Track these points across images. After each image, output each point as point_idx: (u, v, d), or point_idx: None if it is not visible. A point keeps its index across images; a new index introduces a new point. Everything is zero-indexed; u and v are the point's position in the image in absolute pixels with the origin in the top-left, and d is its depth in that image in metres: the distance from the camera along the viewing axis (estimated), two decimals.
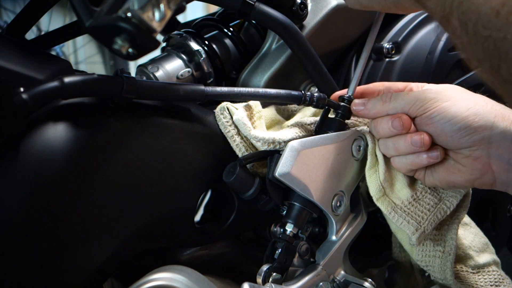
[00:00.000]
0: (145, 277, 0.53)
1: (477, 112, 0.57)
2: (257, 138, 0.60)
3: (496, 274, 0.70)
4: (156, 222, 0.56)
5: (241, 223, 0.65)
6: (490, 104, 0.58)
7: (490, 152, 0.57)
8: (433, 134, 0.59)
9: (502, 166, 0.57)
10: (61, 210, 0.48)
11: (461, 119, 0.57)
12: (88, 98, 0.53)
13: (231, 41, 0.73)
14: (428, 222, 0.62)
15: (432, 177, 0.62)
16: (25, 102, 0.46)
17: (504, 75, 0.39)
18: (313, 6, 0.75)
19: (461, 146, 0.58)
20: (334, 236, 0.64)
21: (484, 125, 0.56)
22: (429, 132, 0.59)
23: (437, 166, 0.61)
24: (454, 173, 0.60)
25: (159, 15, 0.43)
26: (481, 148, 0.57)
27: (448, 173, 0.61)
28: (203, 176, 0.60)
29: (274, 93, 0.62)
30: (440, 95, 0.58)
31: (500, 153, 0.56)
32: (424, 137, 0.59)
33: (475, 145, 0.57)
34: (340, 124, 0.65)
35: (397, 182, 0.64)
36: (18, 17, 0.68)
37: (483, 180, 0.59)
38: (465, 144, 0.57)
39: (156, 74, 0.66)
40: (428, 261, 0.65)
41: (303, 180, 0.59)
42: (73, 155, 0.49)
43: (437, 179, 0.62)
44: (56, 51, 3.04)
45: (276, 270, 0.59)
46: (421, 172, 0.63)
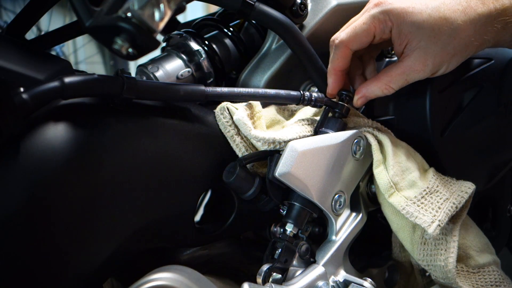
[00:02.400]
0: (145, 277, 0.53)
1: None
2: (258, 138, 0.60)
3: (496, 274, 0.70)
4: (156, 222, 0.56)
5: (241, 223, 0.65)
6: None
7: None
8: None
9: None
10: (61, 210, 0.48)
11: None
12: (88, 98, 0.53)
13: (231, 41, 0.73)
14: (442, 215, 0.62)
15: None
16: (25, 102, 0.46)
17: None
18: (313, 6, 0.75)
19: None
20: (334, 236, 0.64)
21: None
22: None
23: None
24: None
25: (159, 15, 0.43)
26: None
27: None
28: (203, 176, 0.60)
29: (273, 93, 0.63)
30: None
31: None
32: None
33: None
34: (340, 124, 0.65)
35: (407, 178, 0.64)
36: (18, 17, 0.68)
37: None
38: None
39: (156, 74, 0.66)
40: (430, 261, 0.65)
41: (303, 180, 0.59)
42: (73, 155, 0.49)
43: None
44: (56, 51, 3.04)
45: (276, 270, 0.59)
46: None
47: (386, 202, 0.65)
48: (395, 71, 0.65)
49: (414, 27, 0.62)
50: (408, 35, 0.62)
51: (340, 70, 0.67)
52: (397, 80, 0.65)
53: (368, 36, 0.64)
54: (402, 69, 0.64)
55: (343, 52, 0.66)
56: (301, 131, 0.64)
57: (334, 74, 0.68)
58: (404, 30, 0.62)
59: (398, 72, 0.64)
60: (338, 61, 0.66)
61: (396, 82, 0.65)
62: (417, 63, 0.63)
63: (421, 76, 0.64)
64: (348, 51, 0.66)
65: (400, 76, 0.64)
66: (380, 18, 0.63)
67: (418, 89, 0.72)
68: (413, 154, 0.68)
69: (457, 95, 0.75)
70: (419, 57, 0.63)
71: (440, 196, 0.63)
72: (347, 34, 0.65)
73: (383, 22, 0.63)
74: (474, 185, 0.66)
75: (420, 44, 0.62)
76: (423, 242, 0.65)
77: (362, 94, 0.67)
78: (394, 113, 0.75)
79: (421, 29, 0.61)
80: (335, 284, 0.63)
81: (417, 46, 0.62)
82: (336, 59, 0.67)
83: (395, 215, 0.66)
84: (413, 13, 0.61)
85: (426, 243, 0.65)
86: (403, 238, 0.66)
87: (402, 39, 0.63)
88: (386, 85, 0.65)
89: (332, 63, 0.67)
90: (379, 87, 0.66)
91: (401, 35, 0.63)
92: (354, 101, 0.68)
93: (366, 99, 0.68)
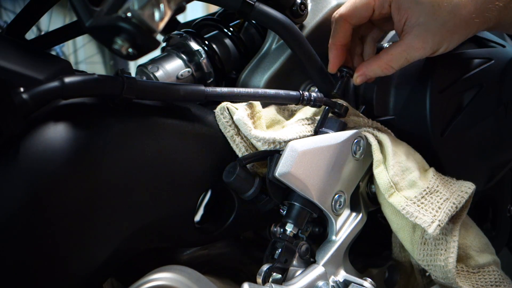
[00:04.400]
0: (145, 277, 0.53)
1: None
2: (258, 138, 0.60)
3: (496, 274, 0.70)
4: (156, 222, 0.56)
5: (241, 223, 0.65)
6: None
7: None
8: None
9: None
10: (61, 210, 0.48)
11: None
12: (88, 98, 0.53)
13: (231, 41, 0.73)
14: (443, 215, 0.62)
15: None
16: (25, 102, 0.46)
17: None
18: (313, 6, 0.75)
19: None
20: (334, 236, 0.64)
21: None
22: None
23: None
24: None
25: (159, 15, 0.43)
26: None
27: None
28: (203, 176, 0.60)
29: (273, 93, 0.63)
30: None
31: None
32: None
33: None
34: (340, 124, 0.65)
35: (407, 178, 0.64)
36: (18, 17, 0.68)
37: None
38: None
39: (156, 74, 0.66)
40: (430, 261, 0.65)
41: (303, 180, 0.59)
42: (73, 155, 0.49)
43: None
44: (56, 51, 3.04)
45: (276, 270, 0.59)
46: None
47: (386, 202, 0.65)
48: (395, 49, 0.64)
49: (413, 2, 0.61)
50: (407, 10, 0.62)
51: (340, 44, 0.67)
52: (397, 59, 0.64)
53: (367, 10, 0.64)
54: (402, 47, 0.63)
55: (342, 26, 0.66)
56: (301, 131, 0.64)
57: (335, 49, 0.68)
58: (403, 5, 0.62)
59: (399, 51, 0.64)
60: (338, 35, 0.66)
61: (397, 61, 0.64)
62: (417, 40, 0.62)
63: (422, 54, 0.64)
64: (347, 25, 0.66)
65: (400, 54, 0.64)
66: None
67: (418, 89, 0.72)
68: (413, 154, 0.68)
69: (457, 95, 0.75)
70: (419, 34, 0.62)
71: (440, 196, 0.63)
72: (346, 8, 0.65)
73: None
74: (474, 185, 0.66)
75: (419, 21, 0.61)
76: (423, 242, 0.65)
77: (361, 72, 0.67)
78: (394, 113, 0.75)
79: (420, 5, 0.61)
80: (335, 284, 0.63)
81: (417, 23, 0.62)
82: (336, 33, 0.67)
83: (395, 215, 0.66)
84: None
85: (426, 243, 0.65)
86: (403, 238, 0.66)
87: (402, 14, 0.62)
88: (387, 64, 0.65)
89: (332, 38, 0.67)
90: (379, 66, 0.66)
91: (400, 10, 0.62)
92: (353, 78, 0.69)
93: (365, 77, 0.67)
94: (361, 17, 0.65)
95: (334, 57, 0.68)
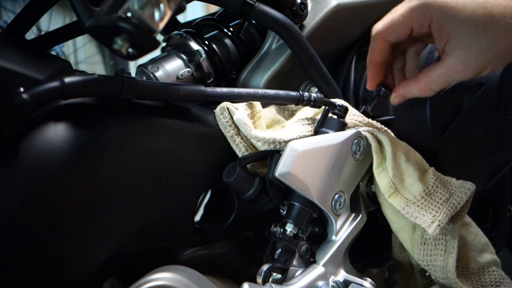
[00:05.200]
0: (145, 277, 0.53)
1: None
2: (258, 138, 0.60)
3: (496, 274, 0.70)
4: (156, 222, 0.56)
5: (241, 223, 0.65)
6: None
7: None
8: None
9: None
10: (61, 210, 0.48)
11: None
12: (88, 98, 0.53)
13: (231, 41, 0.73)
14: (442, 215, 0.62)
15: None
16: (25, 102, 0.46)
17: None
18: (313, 6, 0.75)
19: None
20: (334, 236, 0.64)
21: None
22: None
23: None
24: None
25: (159, 15, 0.43)
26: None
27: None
28: (203, 176, 0.60)
29: (273, 93, 0.63)
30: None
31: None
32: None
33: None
34: (340, 124, 0.65)
35: (407, 178, 0.64)
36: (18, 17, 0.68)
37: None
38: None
39: (156, 74, 0.66)
40: (430, 261, 0.65)
41: (303, 180, 0.59)
42: (73, 156, 0.49)
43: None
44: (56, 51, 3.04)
45: (276, 270, 0.59)
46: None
47: (386, 202, 0.65)
48: (436, 71, 0.60)
49: (455, 23, 0.57)
50: (448, 31, 0.57)
51: (377, 62, 0.64)
52: (437, 82, 0.61)
53: (405, 29, 0.60)
54: (442, 70, 0.60)
55: (379, 43, 0.62)
56: (301, 131, 0.64)
57: (372, 66, 0.65)
58: (445, 26, 0.57)
59: (439, 73, 0.60)
60: (375, 53, 0.63)
61: (436, 83, 0.61)
62: (458, 63, 0.58)
63: (463, 77, 0.60)
64: (384, 42, 0.62)
65: (440, 77, 0.60)
66: (419, 11, 0.58)
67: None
68: (413, 154, 0.68)
69: (457, 95, 0.75)
70: (461, 56, 0.58)
71: (440, 196, 0.63)
72: (383, 25, 0.61)
73: (421, 16, 0.58)
74: (474, 185, 0.66)
75: (461, 43, 0.57)
76: (423, 242, 0.65)
77: (399, 93, 0.64)
78: (394, 113, 0.75)
79: (463, 26, 0.56)
80: (335, 284, 0.63)
81: (459, 45, 0.57)
82: (374, 51, 0.63)
83: (395, 215, 0.66)
84: (456, 8, 0.56)
85: (426, 243, 0.65)
86: (403, 238, 0.66)
87: (443, 35, 0.58)
88: (426, 86, 0.62)
89: (369, 55, 0.64)
90: (418, 88, 0.62)
91: (441, 31, 0.58)
92: (391, 99, 0.66)
93: (403, 98, 0.65)
94: (399, 35, 0.61)
95: (371, 75, 0.65)
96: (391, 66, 0.67)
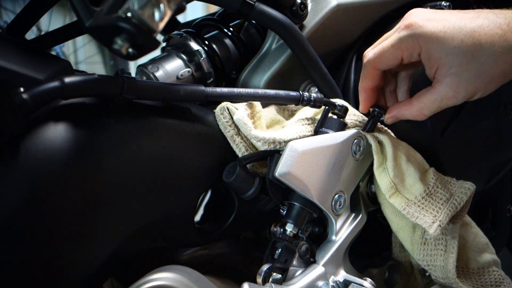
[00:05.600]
0: (145, 277, 0.53)
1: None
2: (258, 138, 0.60)
3: (496, 274, 0.70)
4: (156, 222, 0.56)
5: (241, 223, 0.65)
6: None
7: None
8: None
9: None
10: (61, 210, 0.48)
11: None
12: (88, 98, 0.53)
13: (231, 41, 0.73)
14: (443, 215, 0.62)
15: None
16: (25, 102, 0.46)
17: None
18: (313, 6, 0.75)
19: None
20: (334, 236, 0.64)
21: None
22: None
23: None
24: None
25: (159, 15, 0.43)
26: None
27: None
28: (203, 176, 0.60)
29: (273, 93, 0.63)
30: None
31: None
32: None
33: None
34: (340, 124, 0.65)
35: (408, 178, 0.64)
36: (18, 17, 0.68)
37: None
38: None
39: (156, 74, 0.66)
40: (430, 261, 0.65)
41: (303, 180, 0.59)
42: (73, 156, 0.49)
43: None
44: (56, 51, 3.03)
45: (276, 270, 0.59)
46: None
47: (386, 202, 0.65)
48: (428, 98, 0.62)
49: (443, 53, 0.58)
50: (438, 60, 0.59)
51: (369, 88, 0.66)
52: (429, 107, 0.62)
53: (395, 59, 0.62)
54: (434, 96, 0.61)
55: (370, 71, 0.64)
56: (301, 131, 0.64)
57: (364, 92, 0.66)
58: (434, 55, 0.59)
59: (431, 100, 0.61)
60: (366, 80, 0.65)
61: (429, 109, 0.62)
62: (449, 90, 0.60)
63: (454, 102, 0.61)
64: (376, 71, 0.64)
65: (432, 103, 0.61)
66: (408, 42, 0.59)
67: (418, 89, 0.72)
68: (414, 154, 0.68)
69: None
70: (451, 84, 0.59)
71: (440, 197, 0.64)
72: (374, 55, 0.63)
73: (411, 47, 0.60)
74: (474, 185, 0.66)
75: (451, 71, 0.58)
76: (423, 242, 0.65)
77: (392, 115, 0.66)
78: None
79: (452, 56, 0.58)
80: (335, 284, 0.63)
81: (448, 73, 0.59)
82: (365, 78, 0.65)
83: (395, 215, 0.66)
84: (444, 38, 0.57)
85: (426, 243, 0.65)
86: (403, 238, 0.66)
87: (432, 64, 0.60)
88: (418, 111, 0.63)
89: (361, 81, 0.66)
90: (410, 113, 0.64)
91: (430, 60, 0.59)
92: (385, 119, 0.67)
93: (396, 119, 0.66)
94: (389, 64, 0.62)
95: (364, 100, 0.66)
96: (383, 88, 0.69)
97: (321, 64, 0.71)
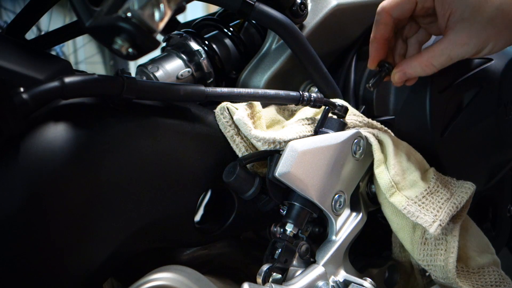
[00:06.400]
0: (145, 277, 0.53)
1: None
2: (258, 138, 0.60)
3: (496, 274, 0.70)
4: (156, 222, 0.56)
5: (241, 223, 0.65)
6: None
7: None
8: None
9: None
10: (61, 210, 0.48)
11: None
12: (88, 98, 0.53)
13: (231, 41, 0.73)
14: (444, 214, 0.62)
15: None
16: (25, 102, 0.46)
17: None
18: (313, 6, 0.75)
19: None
20: (334, 236, 0.64)
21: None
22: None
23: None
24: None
25: (159, 15, 0.43)
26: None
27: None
28: (203, 176, 0.60)
29: (273, 93, 0.63)
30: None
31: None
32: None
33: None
34: (340, 124, 0.65)
35: (408, 177, 0.64)
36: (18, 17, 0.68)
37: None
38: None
39: (156, 74, 0.66)
40: (430, 261, 0.65)
41: (303, 180, 0.59)
42: (73, 156, 0.49)
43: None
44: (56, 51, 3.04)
45: (276, 270, 0.59)
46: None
47: (386, 202, 0.65)
48: (438, 46, 0.61)
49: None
50: (451, 4, 0.59)
51: (381, 38, 0.65)
52: (439, 56, 0.61)
53: (410, 3, 0.61)
54: (445, 44, 0.60)
55: (384, 18, 0.63)
56: (301, 131, 0.64)
57: (376, 42, 0.65)
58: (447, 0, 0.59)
59: (441, 47, 0.60)
60: (379, 28, 0.64)
61: (438, 58, 0.61)
62: (460, 36, 0.59)
63: (465, 52, 0.60)
64: (389, 17, 0.63)
65: (442, 51, 0.61)
66: None
67: (418, 89, 0.72)
68: (414, 154, 0.68)
69: (457, 95, 0.75)
70: (463, 29, 0.59)
71: (441, 196, 0.64)
72: (389, 1, 0.63)
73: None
74: (474, 185, 0.66)
75: (464, 15, 0.58)
76: (423, 242, 0.65)
77: (401, 68, 0.65)
78: (394, 113, 0.75)
79: (466, 0, 0.58)
80: (335, 284, 0.63)
81: (461, 17, 0.59)
82: (378, 26, 0.64)
83: (395, 215, 0.66)
84: None
85: (426, 243, 0.65)
86: (403, 238, 0.66)
87: (445, 8, 0.59)
88: (428, 61, 0.62)
89: (373, 31, 0.65)
90: (419, 64, 0.63)
91: (444, 4, 0.59)
92: (392, 75, 0.67)
93: (405, 75, 0.65)
94: (403, 9, 0.62)
95: (374, 51, 0.66)
96: (393, 52, 0.68)
97: (321, 64, 0.71)
